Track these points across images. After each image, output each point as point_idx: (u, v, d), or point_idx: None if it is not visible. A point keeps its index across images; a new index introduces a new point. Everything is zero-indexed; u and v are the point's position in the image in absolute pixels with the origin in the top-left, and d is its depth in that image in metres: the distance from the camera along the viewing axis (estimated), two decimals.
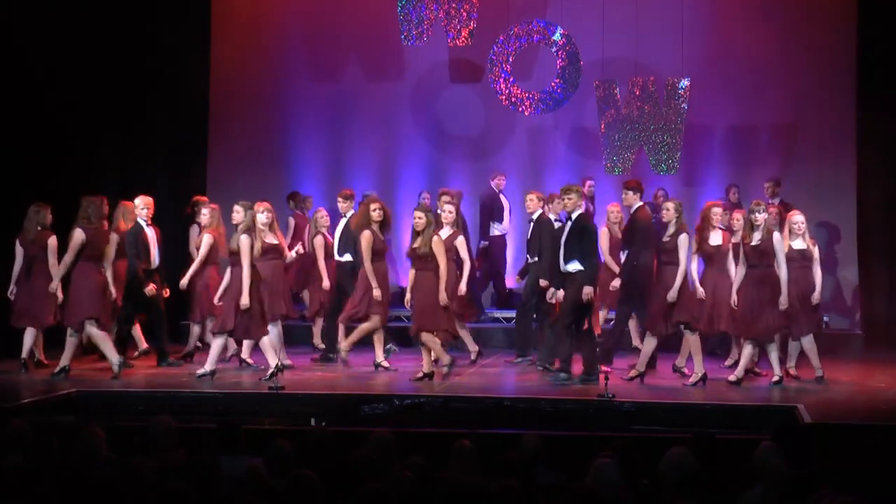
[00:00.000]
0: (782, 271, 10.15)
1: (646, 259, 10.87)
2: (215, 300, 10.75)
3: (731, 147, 14.74)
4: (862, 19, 14.14)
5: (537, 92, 14.05)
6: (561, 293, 10.54)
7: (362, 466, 5.73)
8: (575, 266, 10.34)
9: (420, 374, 10.56)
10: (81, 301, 10.58)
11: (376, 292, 10.95)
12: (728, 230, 10.91)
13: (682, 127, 13.75)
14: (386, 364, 11.26)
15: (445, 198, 11.72)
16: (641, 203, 11.19)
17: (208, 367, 10.47)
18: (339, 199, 12.08)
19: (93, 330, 10.61)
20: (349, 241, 11.57)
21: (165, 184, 14.43)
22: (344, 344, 11.33)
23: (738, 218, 10.95)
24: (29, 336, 11.10)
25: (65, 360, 10.61)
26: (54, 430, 6.85)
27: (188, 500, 5.16)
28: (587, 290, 10.24)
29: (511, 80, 14.00)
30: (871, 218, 14.24)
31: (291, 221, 13.74)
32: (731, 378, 10.37)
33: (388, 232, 11.54)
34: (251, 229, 10.49)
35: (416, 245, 10.53)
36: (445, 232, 11.08)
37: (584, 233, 10.38)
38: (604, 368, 10.35)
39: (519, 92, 14.02)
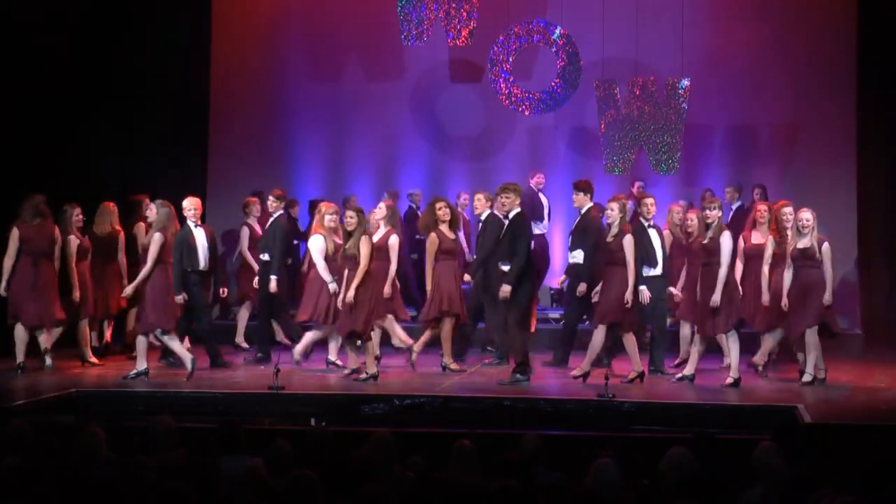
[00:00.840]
0: (722, 270, 10.16)
1: (598, 261, 10.86)
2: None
3: (731, 147, 14.75)
4: (862, 19, 14.14)
5: (537, 92, 14.05)
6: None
7: (362, 466, 5.73)
8: (507, 266, 10.41)
9: (364, 375, 10.50)
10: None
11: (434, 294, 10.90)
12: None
13: (682, 127, 13.75)
14: (454, 366, 11.07)
15: (389, 201, 11.83)
16: (592, 204, 11.23)
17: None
18: (271, 199, 11.91)
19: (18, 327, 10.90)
20: (272, 241, 11.52)
21: (165, 183, 14.39)
22: (416, 346, 11.23)
23: (691, 218, 11.14)
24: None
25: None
26: (54, 430, 6.86)
27: (188, 500, 5.16)
28: (504, 289, 10.26)
29: (511, 80, 14.00)
30: (871, 218, 14.24)
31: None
32: (729, 380, 10.37)
33: (458, 229, 11.45)
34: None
35: (346, 245, 10.53)
36: (381, 232, 11.14)
37: (517, 233, 10.42)
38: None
39: (519, 92, 14.02)
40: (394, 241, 11.10)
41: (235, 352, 12.33)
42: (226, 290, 11.95)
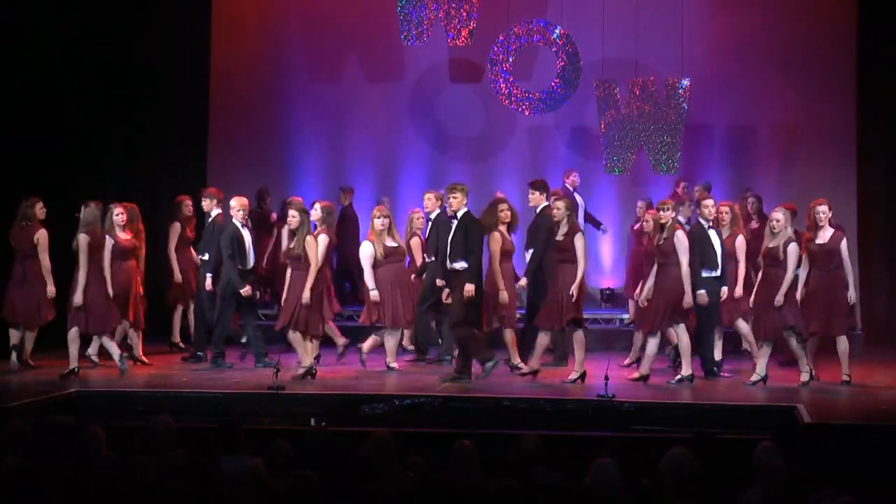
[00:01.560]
0: (683, 269, 10.25)
1: (550, 259, 10.88)
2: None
3: (731, 147, 14.74)
4: (862, 19, 14.13)
5: (537, 92, 14.04)
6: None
7: (362, 466, 5.73)
8: (461, 264, 10.40)
9: (302, 371, 10.57)
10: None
11: (503, 295, 10.80)
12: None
13: (682, 127, 13.74)
14: (523, 367, 10.96)
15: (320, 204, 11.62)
16: (546, 203, 11.23)
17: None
18: (205, 199, 11.87)
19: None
20: (211, 241, 11.53)
21: (165, 183, 14.42)
22: (517, 359, 11.14)
23: (648, 219, 11.18)
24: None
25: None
26: (54, 430, 6.85)
27: (188, 500, 5.17)
28: (468, 288, 10.27)
29: (511, 80, 13.99)
30: (871, 218, 14.23)
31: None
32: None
33: (515, 232, 11.37)
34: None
35: (291, 245, 10.57)
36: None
37: (468, 231, 10.44)
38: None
39: (519, 92, 14.01)
40: (322, 240, 10.83)
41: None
42: (259, 292, 11.90)
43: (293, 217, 10.49)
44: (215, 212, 11.76)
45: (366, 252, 11.12)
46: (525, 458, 6.18)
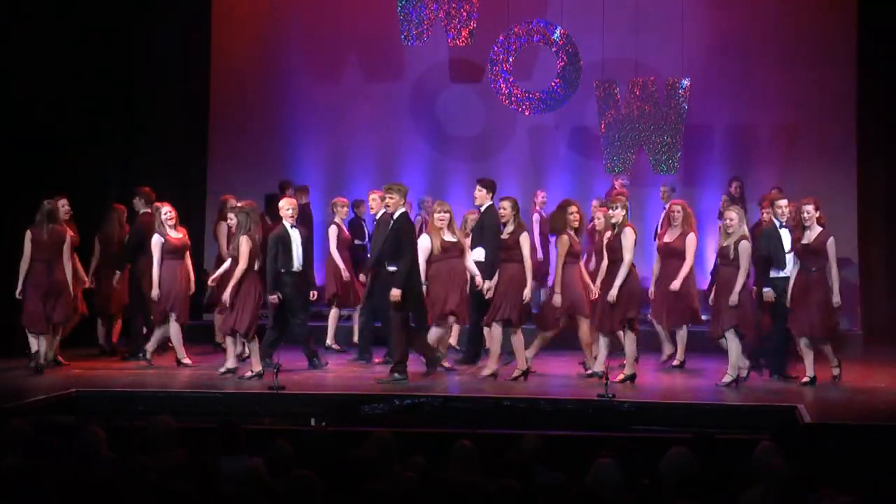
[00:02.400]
0: (624, 267, 10.28)
1: (495, 258, 10.87)
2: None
3: (731, 147, 14.75)
4: (862, 19, 14.14)
5: (537, 92, 14.05)
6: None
7: (362, 466, 5.73)
8: (393, 266, 10.46)
9: (223, 369, 10.67)
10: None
11: (557, 298, 10.75)
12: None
13: (682, 127, 13.75)
14: (596, 367, 10.90)
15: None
16: (491, 202, 11.21)
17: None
18: (136, 198, 11.94)
19: None
20: (137, 242, 11.59)
21: (165, 184, 14.40)
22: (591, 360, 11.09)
23: (599, 217, 11.21)
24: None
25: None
26: (54, 430, 6.85)
27: (188, 500, 5.16)
28: (395, 293, 10.28)
29: (511, 80, 14.00)
30: (871, 218, 14.24)
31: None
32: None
33: (581, 235, 11.29)
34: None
35: (231, 246, 10.62)
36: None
37: (401, 233, 10.45)
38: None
39: (519, 92, 14.02)
40: (242, 241, 10.70)
41: (327, 353, 12.18)
42: (315, 292, 11.82)
43: (232, 218, 10.52)
44: (143, 211, 11.82)
45: (422, 245, 10.90)
46: (525, 458, 6.17)
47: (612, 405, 9.44)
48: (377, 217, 11.58)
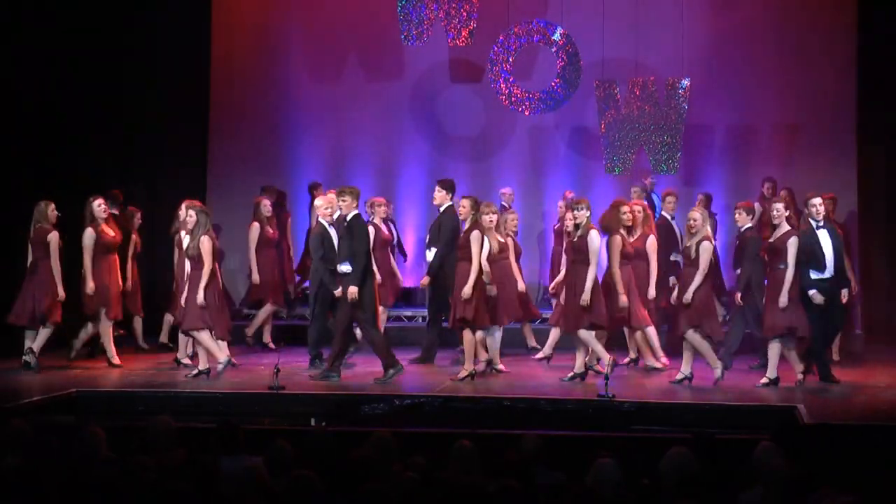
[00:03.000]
0: (591, 269, 10.30)
1: (453, 258, 10.92)
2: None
3: (731, 147, 14.74)
4: (862, 18, 14.13)
5: (537, 92, 14.04)
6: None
7: (362, 466, 5.73)
8: (346, 267, 10.49)
9: (196, 371, 10.66)
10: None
11: (623, 298, 10.75)
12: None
13: (682, 127, 13.74)
14: (658, 364, 11.07)
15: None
16: (451, 203, 11.29)
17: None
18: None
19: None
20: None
21: (166, 184, 14.43)
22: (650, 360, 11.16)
23: (570, 217, 11.06)
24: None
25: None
26: (54, 430, 6.85)
27: (188, 500, 5.16)
28: (351, 291, 10.35)
29: (511, 80, 13.99)
30: (871, 218, 14.23)
31: None
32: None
33: (633, 235, 11.28)
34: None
35: (189, 245, 10.60)
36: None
37: (353, 234, 10.51)
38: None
39: (519, 92, 14.01)
40: (206, 244, 10.70)
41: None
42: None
43: (190, 217, 10.54)
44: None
45: (484, 246, 10.82)
46: (525, 458, 6.17)
47: (612, 405, 9.44)
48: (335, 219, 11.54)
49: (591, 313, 10.37)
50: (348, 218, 10.61)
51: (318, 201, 11.41)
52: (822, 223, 10.57)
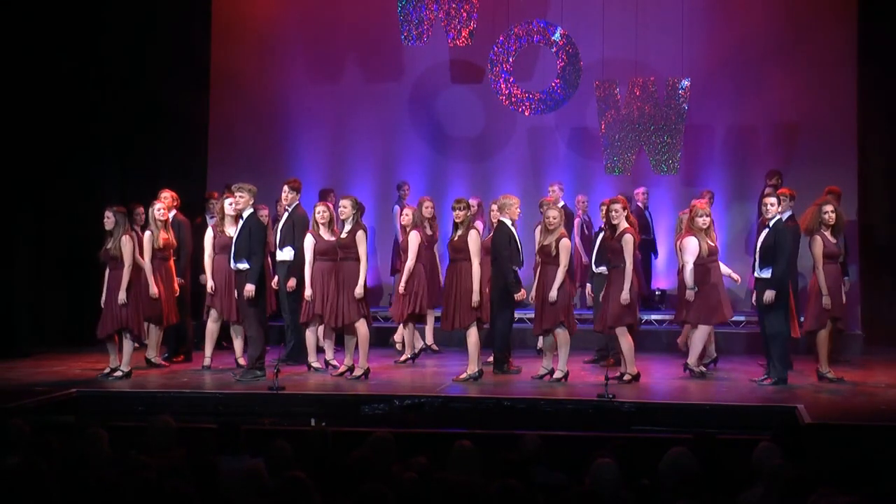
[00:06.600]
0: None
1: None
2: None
3: (731, 147, 14.74)
4: (862, 19, 14.12)
5: (537, 92, 14.04)
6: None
7: (362, 466, 5.73)
8: (244, 265, 10.61)
9: (120, 374, 10.65)
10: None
11: (826, 299, 10.49)
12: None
13: (682, 127, 13.74)
14: (832, 375, 10.72)
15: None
16: (298, 203, 11.45)
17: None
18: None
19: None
20: None
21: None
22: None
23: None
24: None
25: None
26: (54, 430, 6.86)
27: (188, 500, 5.16)
28: (248, 288, 10.48)
29: (511, 80, 14.00)
30: (872, 218, 14.23)
31: None
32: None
33: (838, 236, 10.84)
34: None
35: (109, 246, 10.62)
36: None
37: (252, 232, 10.63)
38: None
39: (519, 92, 14.01)
40: (126, 245, 10.71)
41: (426, 353, 12.50)
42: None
43: (108, 218, 10.60)
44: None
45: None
46: (525, 458, 6.17)
47: (612, 405, 9.44)
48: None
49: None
50: (245, 215, 10.75)
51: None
52: (772, 221, 10.52)
